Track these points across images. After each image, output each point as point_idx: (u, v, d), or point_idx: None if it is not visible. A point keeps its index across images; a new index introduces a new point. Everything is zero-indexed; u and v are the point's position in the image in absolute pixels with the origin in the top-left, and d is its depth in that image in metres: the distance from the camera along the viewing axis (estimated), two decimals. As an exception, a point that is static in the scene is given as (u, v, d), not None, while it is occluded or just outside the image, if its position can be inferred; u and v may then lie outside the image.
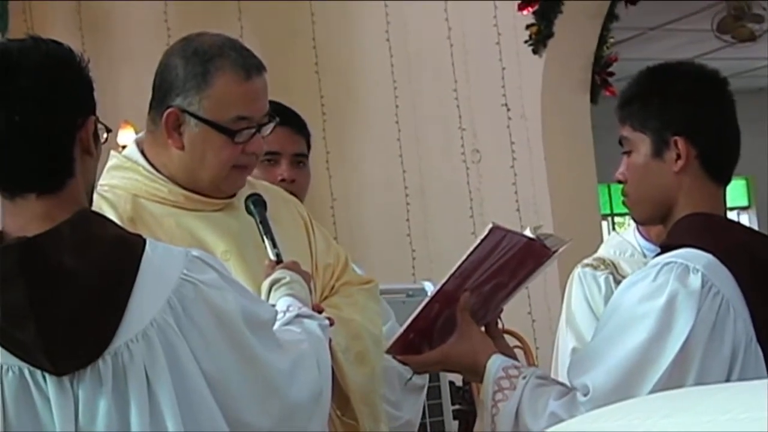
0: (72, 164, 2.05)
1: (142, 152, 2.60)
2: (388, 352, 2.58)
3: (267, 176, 3.11)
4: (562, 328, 3.32)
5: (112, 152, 2.65)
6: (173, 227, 2.54)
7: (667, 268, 2.31)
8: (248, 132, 2.51)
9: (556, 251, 2.50)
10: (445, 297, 2.51)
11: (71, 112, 2.05)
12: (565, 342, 3.26)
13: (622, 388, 2.23)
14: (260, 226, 2.57)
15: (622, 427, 1.16)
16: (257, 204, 2.60)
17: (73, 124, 2.05)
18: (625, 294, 2.36)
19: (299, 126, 3.29)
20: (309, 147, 3.32)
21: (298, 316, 2.32)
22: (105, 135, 2.13)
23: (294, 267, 2.48)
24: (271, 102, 3.17)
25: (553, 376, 3.11)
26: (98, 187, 2.45)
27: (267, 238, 2.55)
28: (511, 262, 2.50)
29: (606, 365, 2.29)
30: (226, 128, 2.50)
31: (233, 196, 2.62)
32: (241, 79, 2.50)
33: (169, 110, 2.50)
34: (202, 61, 2.50)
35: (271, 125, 2.58)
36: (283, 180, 3.15)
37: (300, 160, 3.25)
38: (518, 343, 5.09)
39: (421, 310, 2.52)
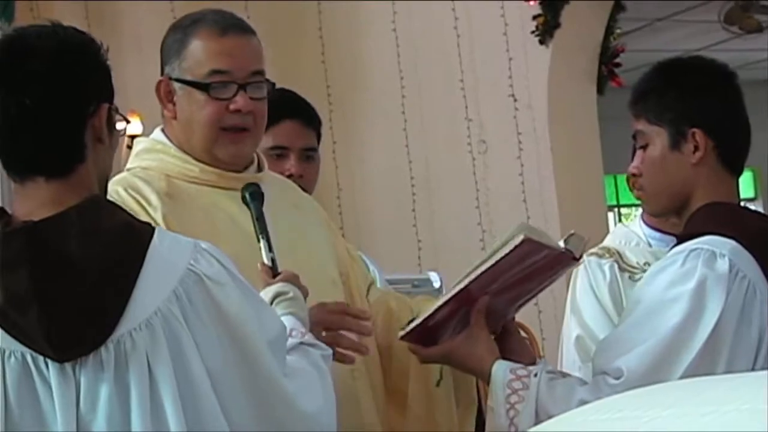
0: (82, 150, 2.05)
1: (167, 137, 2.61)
2: (402, 338, 2.59)
3: (274, 170, 3.06)
4: (568, 316, 3.32)
5: (138, 138, 2.68)
6: (209, 207, 2.53)
7: (694, 254, 2.34)
8: (225, 86, 2.51)
9: (581, 256, 2.51)
10: (466, 296, 2.51)
11: (83, 97, 2.05)
12: (569, 330, 3.26)
13: (656, 371, 2.27)
14: (256, 223, 2.48)
15: (625, 419, 1.17)
16: (254, 197, 2.52)
17: (85, 109, 2.05)
18: (652, 281, 2.38)
19: (309, 118, 3.23)
20: (319, 137, 3.25)
21: (301, 344, 2.23)
22: (124, 125, 2.12)
23: (295, 281, 2.39)
24: (282, 90, 3.18)
25: (560, 365, 3.14)
26: (129, 170, 2.49)
27: (263, 238, 2.45)
28: (538, 271, 2.51)
29: (639, 349, 2.31)
30: (200, 83, 2.50)
31: (260, 170, 2.63)
32: (215, 35, 2.52)
33: (159, 81, 2.55)
34: (183, 28, 2.55)
35: (262, 89, 2.55)
36: (290, 175, 3.08)
37: (309, 154, 3.19)
38: (524, 334, 5.08)
39: (441, 305, 2.53)
